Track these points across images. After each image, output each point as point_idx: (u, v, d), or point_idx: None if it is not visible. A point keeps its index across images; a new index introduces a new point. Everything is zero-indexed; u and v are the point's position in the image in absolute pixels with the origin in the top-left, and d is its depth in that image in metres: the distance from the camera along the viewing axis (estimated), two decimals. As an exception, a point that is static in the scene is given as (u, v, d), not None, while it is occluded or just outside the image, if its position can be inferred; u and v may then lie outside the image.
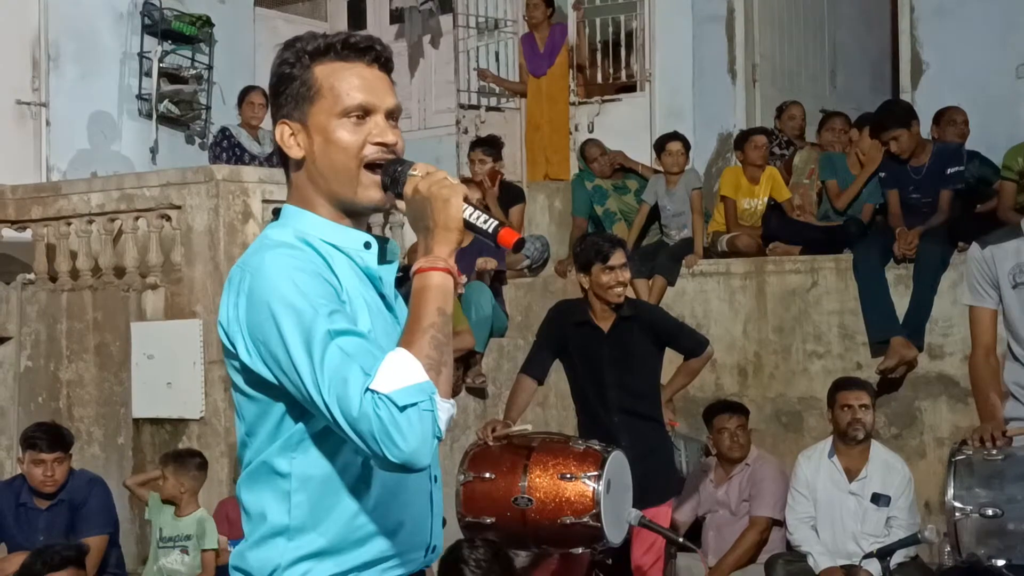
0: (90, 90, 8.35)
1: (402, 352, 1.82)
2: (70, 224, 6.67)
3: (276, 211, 6.23)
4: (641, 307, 5.08)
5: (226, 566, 5.32)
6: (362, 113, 1.99)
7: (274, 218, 6.76)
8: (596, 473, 4.15)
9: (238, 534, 5.13)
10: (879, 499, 5.28)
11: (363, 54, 2.01)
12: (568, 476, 4.17)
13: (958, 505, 3.57)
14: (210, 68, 8.99)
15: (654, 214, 7.75)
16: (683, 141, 7.60)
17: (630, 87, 8.94)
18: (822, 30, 9.36)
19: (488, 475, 4.29)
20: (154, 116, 8.62)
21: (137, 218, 6.47)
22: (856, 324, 6.62)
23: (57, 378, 6.50)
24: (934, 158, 6.63)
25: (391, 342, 1.95)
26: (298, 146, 2.01)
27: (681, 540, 4.47)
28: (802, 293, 6.87)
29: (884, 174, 6.81)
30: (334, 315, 1.84)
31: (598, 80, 8.94)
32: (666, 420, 4.90)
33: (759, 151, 7.40)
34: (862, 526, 5.30)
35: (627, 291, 4.72)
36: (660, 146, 7.65)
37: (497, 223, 1.95)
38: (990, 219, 6.20)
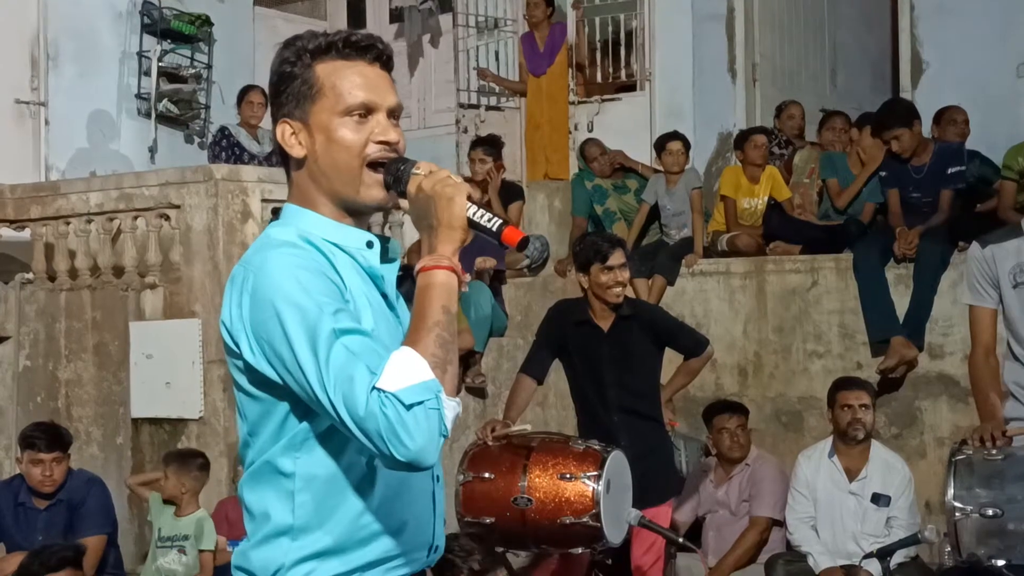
0: (89, 89, 8.34)
1: (408, 351, 1.82)
2: (69, 223, 6.66)
3: (275, 210, 6.24)
4: (641, 306, 5.08)
5: (224, 566, 5.33)
6: (364, 112, 1.98)
7: (273, 217, 6.74)
8: (596, 473, 4.14)
9: (237, 534, 5.15)
10: (879, 499, 5.28)
11: (365, 52, 2.01)
12: (568, 476, 4.16)
13: (958, 505, 3.56)
14: (209, 67, 8.98)
15: (654, 213, 7.75)
16: (683, 140, 7.60)
17: (630, 86, 8.92)
18: (822, 29, 9.35)
19: (487, 475, 4.29)
20: (153, 115, 8.61)
21: (136, 217, 6.46)
22: (856, 324, 6.62)
23: (56, 378, 6.49)
24: (935, 158, 6.62)
25: (394, 341, 1.94)
26: (299, 145, 2.00)
27: (681, 540, 4.46)
28: (802, 293, 6.86)
29: (885, 173, 6.80)
30: (339, 314, 1.83)
31: (597, 79, 8.93)
32: (666, 420, 4.89)
33: (759, 150, 7.39)
34: (862, 526, 5.29)
35: (627, 291, 4.72)
36: (660, 145, 7.65)
37: (501, 222, 1.94)
38: (990, 218, 6.20)
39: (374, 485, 1.95)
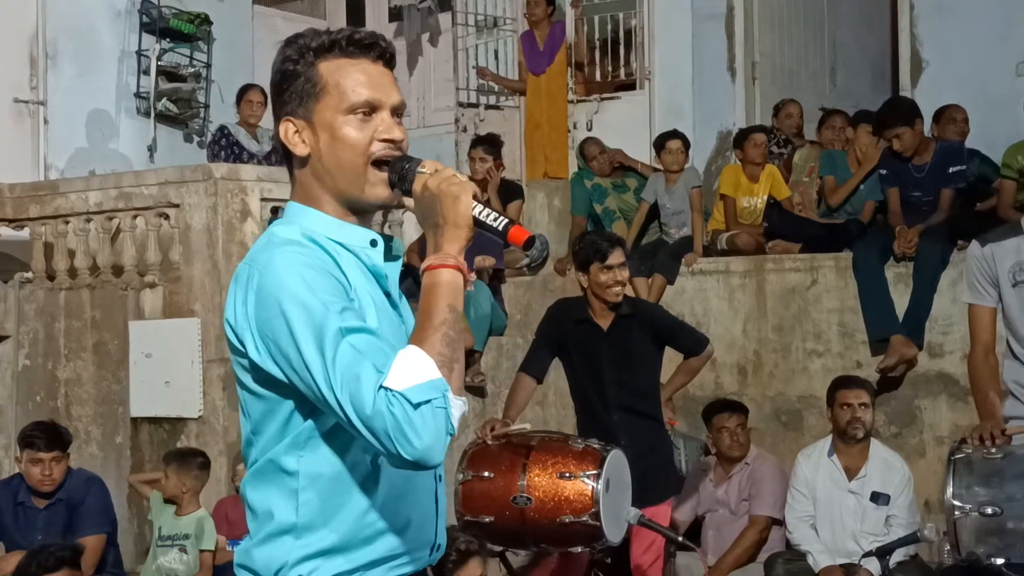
0: (88, 88, 8.34)
1: (414, 349, 1.82)
2: (68, 223, 6.66)
3: (275, 209, 6.24)
4: (640, 305, 5.08)
5: (224, 566, 5.32)
6: (368, 110, 1.98)
7: (273, 216, 6.70)
8: (595, 472, 4.14)
9: (237, 534, 5.14)
10: (878, 498, 5.28)
11: (368, 50, 2.00)
12: (567, 475, 4.16)
13: (957, 504, 3.56)
14: (208, 66, 8.97)
15: (653, 212, 7.75)
16: (682, 139, 7.60)
17: (629, 85, 8.92)
18: (822, 28, 9.34)
19: (487, 474, 4.28)
20: (152, 114, 8.60)
21: (135, 216, 6.46)
22: (856, 322, 6.61)
23: (55, 377, 6.49)
24: (936, 157, 6.61)
25: (398, 340, 1.95)
26: (303, 143, 1.99)
27: (680, 539, 4.46)
28: (802, 291, 6.86)
29: (885, 172, 6.80)
30: (345, 312, 1.83)
31: (596, 78, 8.93)
32: (666, 419, 4.89)
33: (758, 149, 7.39)
34: (862, 525, 5.29)
35: (626, 289, 4.71)
36: (659, 144, 7.64)
37: (507, 220, 1.94)
38: (990, 217, 6.20)
39: (378, 484, 1.95)
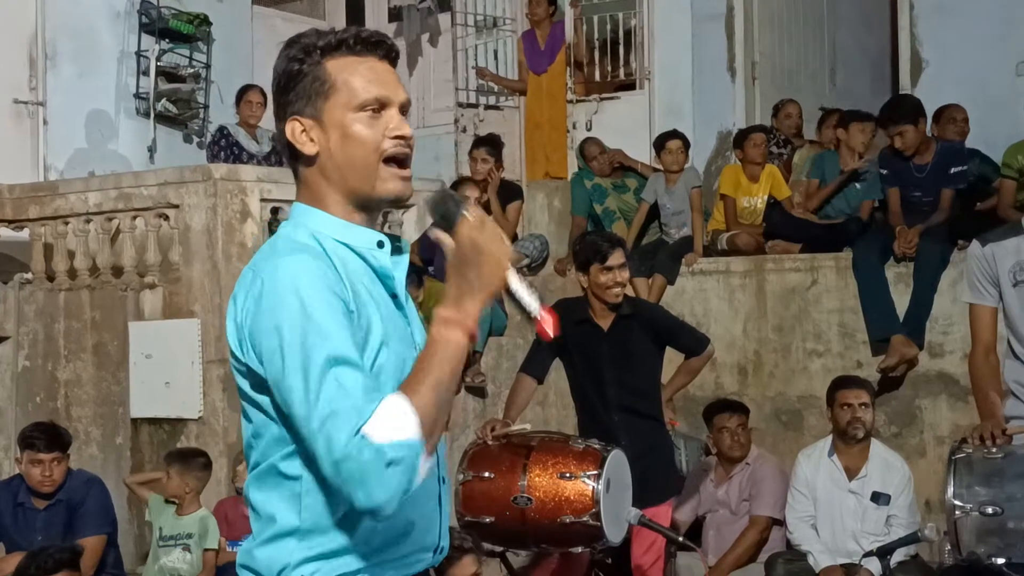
0: (87, 89, 8.33)
1: (403, 401, 1.80)
2: (67, 223, 6.65)
3: (275, 210, 6.24)
4: (641, 305, 5.07)
5: (224, 566, 5.30)
6: (378, 107, 1.98)
7: (273, 217, 6.66)
8: (596, 472, 4.14)
9: (236, 534, 5.14)
10: (879, 498, 5.27)
11: (375, 48, 2.01)
12: (567, 475, 4.16)
13: (958, 503, 3.55)
14: (208, 67, 8.97)
15: (654, 212, 7.74)
16: (682, 139, 7.59)
17: (629, 85, 8.92)
18: (821, 28, 9.34)
19: (487, 474, 4.28)
20: (152, 115, 8.59)
21: (135, 217, 6.46)
22: (856, 322, 6.61)
23: (55, 378, 6.48)
24: (938, 157, 6.61)
25: (403, 342, 1.95)
26: (311, 142, 1.98)
27: (681, 539, 4.46)
28: (802, 291, 6.86)
29: (886, 171, 6.79)
30: (338, 338, 1.82)
31: (596, 78, 8.92)
32: (667, 420, 4.89)
33: (758, 149, 7.38)
34: (862, 525, 5.29)
35: (627, 289, 4.71)
36: (659, 144, 7.64)
37: (539, 305, 1.92)
38: (990, 217, 6.19)
39: None
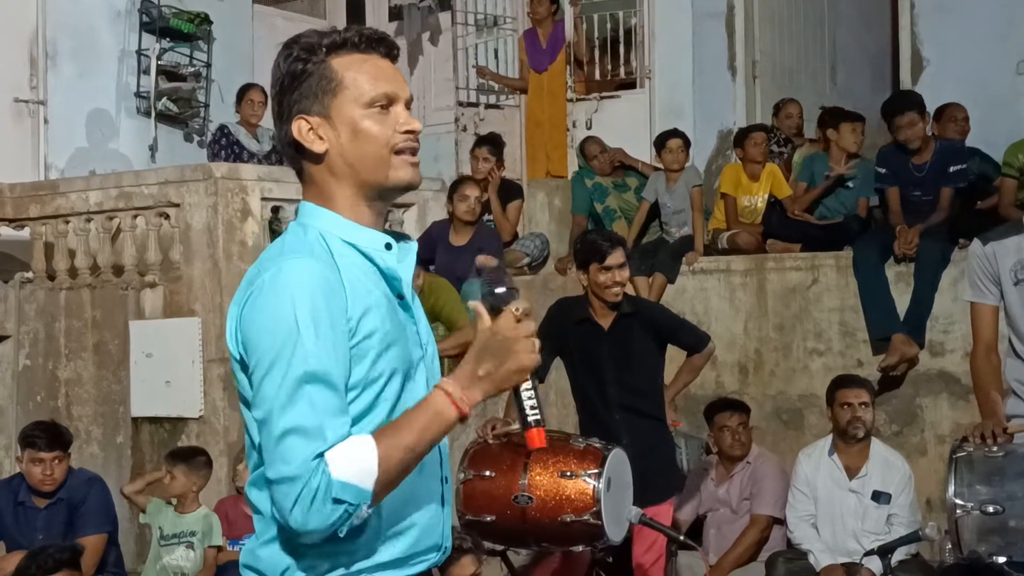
0: (88, 88, 8.32)
1: (372, 450, 1.83)
2: (68, 222, 6.65)
3: (275, 209, 6.24)
4: (641, 304, 5.07)
5: (224, 565, 5.29)
6: (387, 103, 2.00)
7: (273, 216, 6.65)
8: (596, 471, 4.13)
9: (237, 533, 5.14)
10: (879, 497, 5.27)
11: (378, 46, 2.03)
12: (568, 474, 4.16)
13: (959, 502, 3.55)
14: (208, 66, 8.96)
15: (654, 211, 7.73)
16: (683, 138, 7.58)
17: (629, 84, 8.91)
18: (822, 27, 9.34)
19: (488, 473, 4.28)
20: (152, 114, 8.59)
21: (135, 216, 6.46)
22: (857, 321, 6.61)
23: (55, 377, 6.48)
24: (937, 156, 6.60)
25: (407, 342, 1.97)
26: (320, 139, 1.99)
27: (682, 538, 4.45)
28: (802, 290, 6.85)
29: (885, 171, 6.78)
30: (321, 355, 1.84)
31: (596, 77, 8.92)
32: (669, 421, 4.88)
33: (759, 148, 7.38)
34: (863, 524, 5.29)
35: (627, 288, 4.70)
36: (660, 143, 7.63)
37: (537, 420, 1.98)
38: (991, 216, 6.19)
39: None
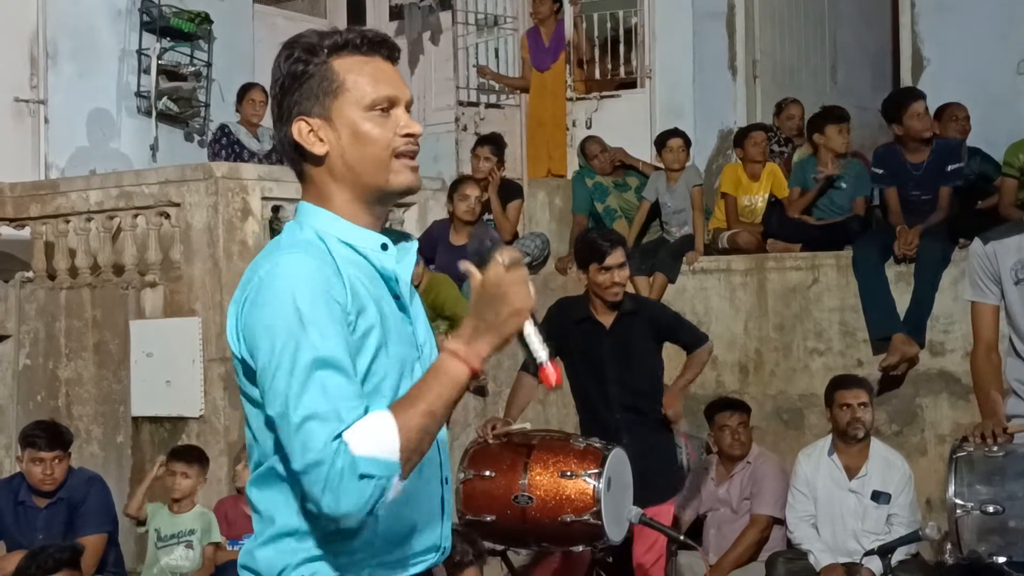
0: (89, 87, 8.32)
1: (390, 420, 1.81)
2: (68, 222, 6.65)
3: (276, 208, 6.23)
4: (642, 303, 5.07)
5: (223, 565, 5.30)
6: (388, 106, 2.00)
7: (274, 215, 6.65)
8: (597, 471, 4.14)
9: (236, 533, 5.14)
10: (879, 497, 5.27)
11: (379, 48, 2.03)
12: (568, 474, 4.16)
13: (959, 502, 3.56)
14: (209, 65, 8.96)
15: (655, 211, 7.73)
16: (683, 137, 7.58)
17: (630, 83, 8.91)
18: (822, 26, 9.34)
19: (488, 473, 4.28)
20: (153, 113, 8.59)
21: (136, 216, 6.45)
22: (857, 321, 6.60)
23: (56, 376, 6.48)
24: (933, 155, 6.60)
25: (404, 343, 1.96)
26: (321, 141, 1.99)
27: (682, 538, 4.46)
28: (803, 290, 6.85)
29: (882, 171, 6.78)
30: (328, 341, 1.82)
31: (596, 76, 8.91)
32: (672, 413, 4.78)
33: (759, 147, 7.38)
34: (863, 524, 5.29)
35: (628, 287, 4.70)
36: (660, 143, 7.63)
37: (547, 355, 1.93)
38: (991, 215, 6.19)
39: None
